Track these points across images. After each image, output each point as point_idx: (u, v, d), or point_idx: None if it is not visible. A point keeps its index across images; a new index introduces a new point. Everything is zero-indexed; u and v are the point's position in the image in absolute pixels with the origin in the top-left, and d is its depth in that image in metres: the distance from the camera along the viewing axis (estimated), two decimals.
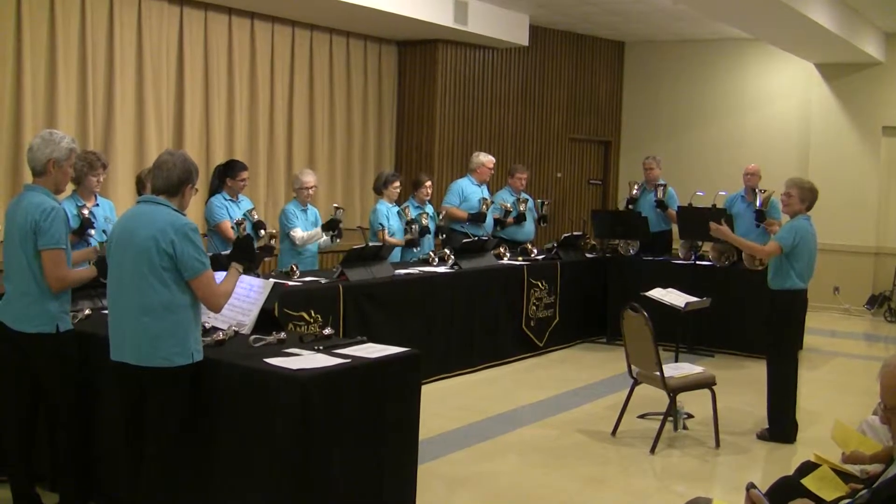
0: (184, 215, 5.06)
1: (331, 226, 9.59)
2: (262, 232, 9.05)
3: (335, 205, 9.82)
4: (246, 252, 5.54)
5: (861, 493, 4.23)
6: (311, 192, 9.57)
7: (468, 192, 11.41)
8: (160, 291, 4.91)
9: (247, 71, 12.42)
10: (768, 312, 8.06)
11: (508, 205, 11.63)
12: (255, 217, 9.05)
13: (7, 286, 5.61)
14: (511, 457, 7.40)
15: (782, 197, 8.01)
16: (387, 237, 10.10)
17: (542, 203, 12.19)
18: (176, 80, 11.61)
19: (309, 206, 9.65)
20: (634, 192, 12.38)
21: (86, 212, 7.43)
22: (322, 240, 9.57)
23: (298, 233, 9.38)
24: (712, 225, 8.52)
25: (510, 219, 11.65)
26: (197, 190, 5.26)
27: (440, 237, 10.90)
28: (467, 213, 11.28)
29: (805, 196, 7.86)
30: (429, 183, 10.78)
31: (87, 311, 6.21)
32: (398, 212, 10.37)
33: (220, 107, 12.07)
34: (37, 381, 5.57)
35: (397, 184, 10.49)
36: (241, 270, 5.37)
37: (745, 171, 11.64)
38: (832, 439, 5.27)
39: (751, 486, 4.06)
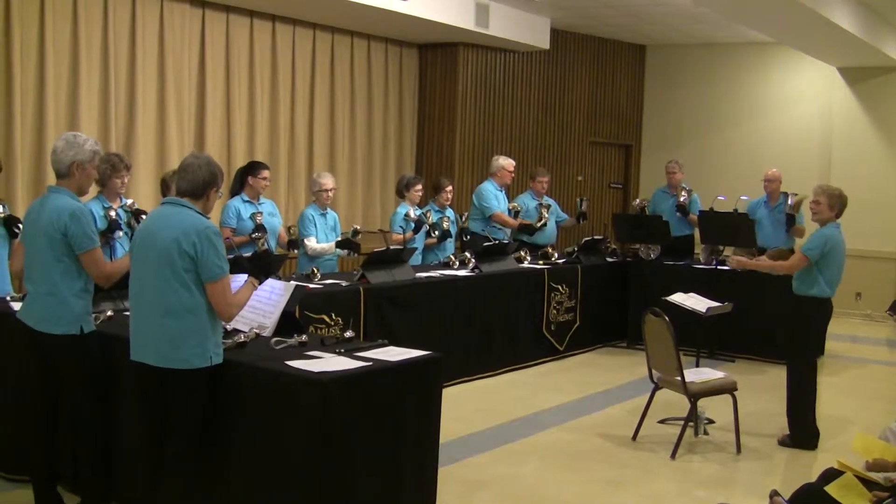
0: (207, 218, 5.08)
1: (346, 245, 9.51)
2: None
3: (355, 226, 9.77)
4: (263, 267, 5.54)
5: (886, 501, 4.22)
6: (329, 194, 9.54)
7: (498, 196, 11.44)
8: (181, 293, 4.93)
9: (268, 73, 12.46)
10: (791, 318, 8.02)
11: (519, 205, 11.61)
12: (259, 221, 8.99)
13: (29, 287, 5.63)
14: (531, 460, 7.39)
15: (811, 205, 7.96)
16: (398, 236, 10.06)
17: (582, 200, 12.16)
18: (197, 82, 11.65)
19: (329, 209, 9.63)
20: (640, 207, 12.38)
21: (112, 213, 7.46)
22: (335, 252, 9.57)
23: (313, 242, 9.34)
24: (732, 261, 8.54)
25: (525, 220, 11.62)
26: (221, 194, 5.27)
27: (466, 237, 10.89)
28: (519, 223, 11.32)
29: (834, 203, 7.80)
30: (449, 187, 10.77)
31: (109, 313, 6.22)
32: (405, 213, 10.31)
33: (241, 109, 12.11)
34: (59, 381, 5.59)
35: (419, 186, 10.47)
36: (256, 285, 5.37)
37: (765, 178, 11.58)
38: (853, 451, 5.25)
39: (774, 493, 4.05)
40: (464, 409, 8.51)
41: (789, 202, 11.05)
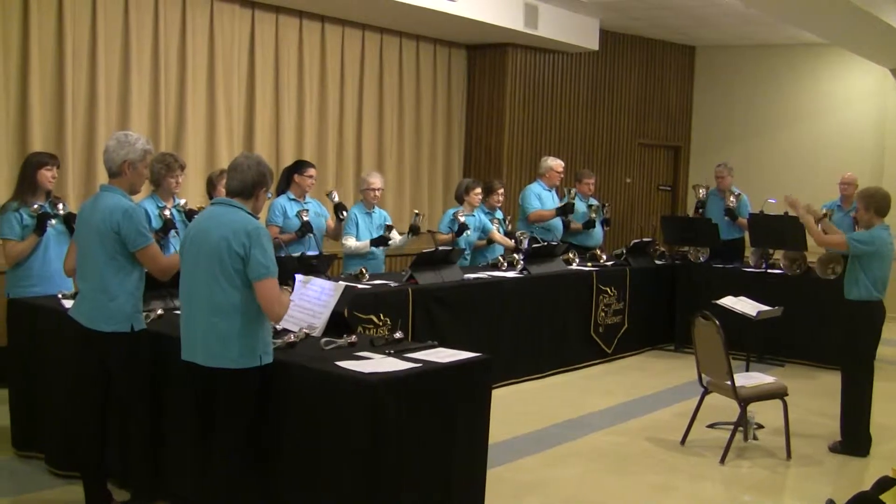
0: (256, 218, 5.09)
1: (381, 242, 9.49)
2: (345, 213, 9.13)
3: (416, 211, 9.78)
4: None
5: None
6: (376, 193, 9.51)
7: (543, 196, 11.38)
8: (231, 292, 4.94)
9: (317, 74, 12.51)
10: (843, 322, 7.93)
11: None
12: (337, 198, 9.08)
13: (81, 285, 5.67)
14: (579, 463, 7.35)
15: (854, 213, 7.90)
16: (441, 236, 10.06)
17: (603, 206, 12.05)
18: (247, 83, 11.73)
19: (376, 208, 9.62)
20: (701, 194, 12.26)
21: (167, 213, 7.51)
22: (397, 240, 9.56)
23: (350, 241, 9.33)
24: (787, 197, 8.35)
25: (578, 224, 11.59)
26: (271, 195, 5.28)
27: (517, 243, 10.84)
28: (554, 209, 11.26)
29: (869, 204, 7.68)
30: (501, 189, 10.76)
31: (159, 311, 6.26)
32: (452, 215, 10.28)
33: (290, 109, 12.17)
34: (109, 379, 5.62)
35: (478, 190, 10.41)
36: (290, 290, 5.36)
37: (840, 181, 11.39)
38: None
39: (830, 502, 3.99)
40: (511, 411, 8.47)
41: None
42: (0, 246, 7.25)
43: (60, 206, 7.26)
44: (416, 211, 9.82)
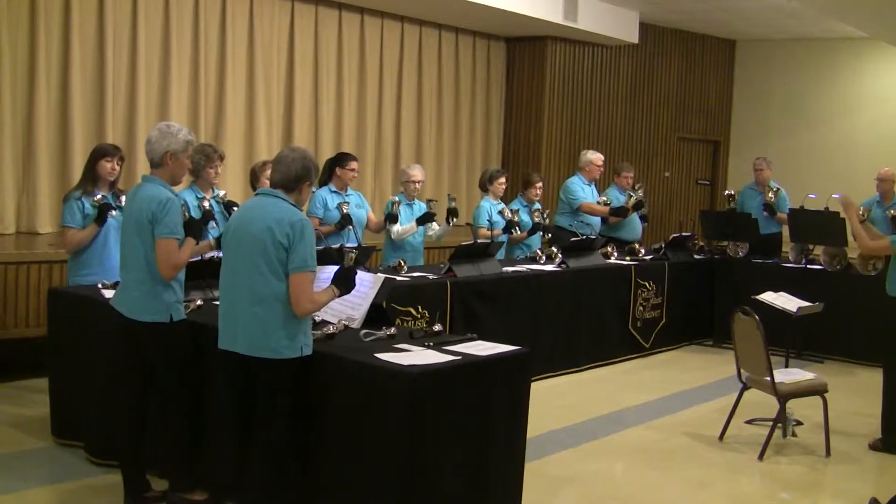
0: (300, 210, 5.10)
1: (427, 219, 9.44)
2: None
3: (449, 195, 9.73)
4: (348, 282, 5.41)
5: None
6: (417, 186, 9.51)
7: (585, 190, 11.34)
8: (273, 283, 4.96)
9: (356, 66, 12.55)
10: (885, 320, 7.84)
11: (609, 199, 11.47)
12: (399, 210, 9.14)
13: (122, 275, 5.70)
14: (616, 458, 7.34)
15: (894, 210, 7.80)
16: (485, 232, 10.02)
17: (640, 191, 11.87)
18: (286, 75, 11.78)
19: (416, 200, 9.61)
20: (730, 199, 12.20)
21: (206, 204, 7.53)
22: (438, 230, 9.57)
23: (396, 226, 9.33)
24: (843, 198, 8.32)
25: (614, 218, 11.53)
26: (314, 190, 5.28)
27: (547, 236, 10.77)
28: (609, 208, 11.22)
29: None
30: (539, 183, 10.69)
31: (198, 302, 6.27)
32: (499, 211, 10.26)
33: (329, 101, 12.20)
34: (149, 368, 5.65)
35: (503, 179, 10.39)
36: (337, 295, 5.29)
37: (877, 177, 11.23)
38: None
39: (874, 501, 3.96)
40: (548, 405, 8.43)
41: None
42: (62, 233, 7.36)
43: (124, 197, 7.31)
44: (450, 195, 9.77)
